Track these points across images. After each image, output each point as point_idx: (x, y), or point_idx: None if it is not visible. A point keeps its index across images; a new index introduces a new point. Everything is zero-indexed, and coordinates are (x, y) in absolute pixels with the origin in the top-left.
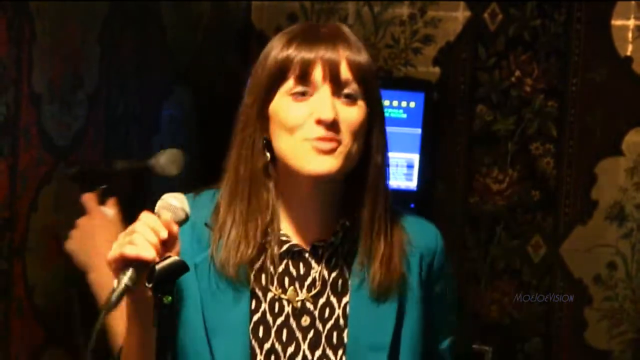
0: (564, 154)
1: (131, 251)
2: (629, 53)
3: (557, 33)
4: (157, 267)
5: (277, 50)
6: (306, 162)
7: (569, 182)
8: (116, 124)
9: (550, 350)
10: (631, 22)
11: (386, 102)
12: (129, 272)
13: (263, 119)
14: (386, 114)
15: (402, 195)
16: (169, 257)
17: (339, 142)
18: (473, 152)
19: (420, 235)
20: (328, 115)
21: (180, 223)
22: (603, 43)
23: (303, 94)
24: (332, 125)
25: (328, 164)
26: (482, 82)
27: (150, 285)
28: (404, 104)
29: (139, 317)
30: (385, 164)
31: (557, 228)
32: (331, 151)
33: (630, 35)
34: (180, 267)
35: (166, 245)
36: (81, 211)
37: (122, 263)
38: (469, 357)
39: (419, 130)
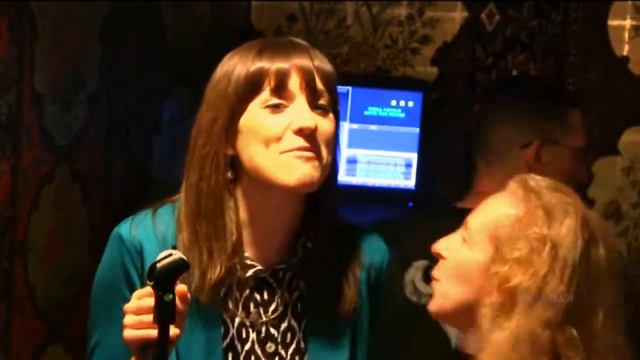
0: None
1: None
2: (625, 53)
3: (554, 33)
4: (159, 265)
5: (245, 63)
6: (287, 174)
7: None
8: (116, 123)
9: None
10: (627, 22)
11: (384, 102)
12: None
13: (230, 134)
14: (385, 114)
15: (400, 194)
16: (170, 254)
17: (319, 153)
18: (471, 151)
19: (369, 250)
20: (310, 124)
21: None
22: (600, 43)
23: (278, 105)
24: (312, 135)
25: (311, 172)
26: (479, 82)
27: (152, 283)
28: (402, 103)
29: None
30: (336, 180)
31: None
32: (312, 159)
33: (626, 35)
34: (182, 265)
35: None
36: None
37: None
38: None
39: (417, 130)
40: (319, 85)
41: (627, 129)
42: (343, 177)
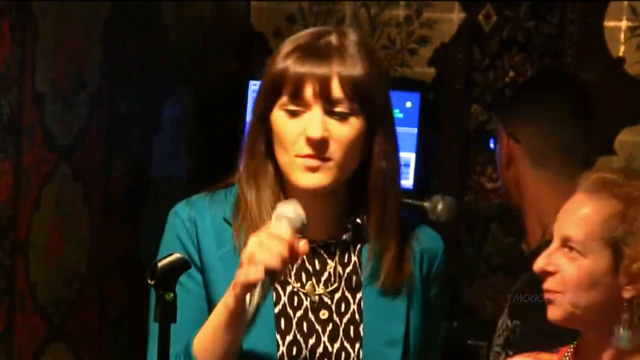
0: None
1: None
2: (621, 54)
3: (551, 34)
4: (159, 264)
5: (277, 59)
6: (297, 177)
7: None
8: (117, 123)
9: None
10: (623, 23)
11: None
12: (258, 289)
13: (265, 126)
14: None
15: None
16: (171, 254)
17: (329, 159)
18: (468, 151)
19: (424, 239)
20: (316, 134)
21: (299, 231)
22: (596, 44)
23: (296, 111)
24: (321, 144)
25: (315, 181)
26: (477, 82)
27: (153, 282)
28: (400, 103)
29: (233, 328)
30: (393, 168)
31: None
32: (317, 169)
33: (622, 36)
34: (182, 264)
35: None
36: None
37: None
38: (464, 352)
39: (414, 130)
40: (336, 92)
41: (623, 129)
42: None
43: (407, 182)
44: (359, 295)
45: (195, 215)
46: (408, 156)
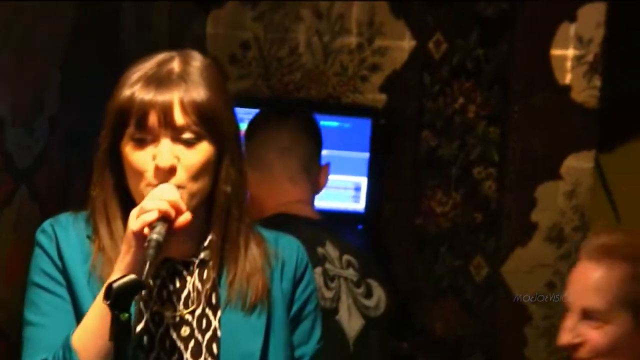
0: (506, 178)
1: (152, 205)
2: (567, 82)
3: (499, 62)
4: (114, 285)
5: (122, 89)
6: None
7: (510, 205)
8: (77, 144)
9: None
10: (570, 52)
11: (335, 128)
12: (157, 228)
13: (114, 156)
14: (335, 137)
15: (350, 216)
16: (126, 275)
17: (181, 187)
18: (418, 175)
19: (283, 249)
20: (164, 164)
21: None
22: (543, 72)
23: (143, 140)
24: (171, 172)
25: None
26: (427, 108)
27: (108, 303)
28: (352, 129)
29: None
30: (238, 192)
31: (499, 249)
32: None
33: (569, 64)
34: (137, 285)
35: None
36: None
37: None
38: None
39: (366, 155)
40: (181, 119)
41: (569, 154)
42: None
43: (359, 205)
44: (219, 313)
45: (60, 231)
46: (360, 180)
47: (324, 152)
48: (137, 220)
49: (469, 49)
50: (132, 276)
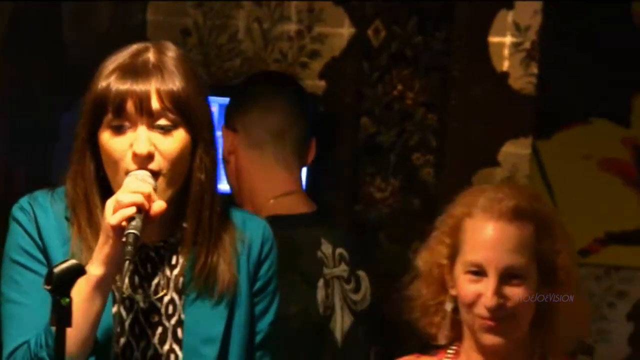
0: (444, 164)
1: (128, 199)
2: (505, 69)
3: (438, 49)
4: (55, 270)
5: (99, 80)
6: None
7: (448, 191)
8: (19, 135)
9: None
10: (507, 39)
11: None
12: (134, 223)
13: (92, 145)
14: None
15: None
16: (67, 260)
17: (158, 173)
18: (358, 162)
19: (249, 228)
20: (141, 150)
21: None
22: (481, 59)
23: (121, 127)
24: (149, 158)
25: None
26: (366, 95)
27: (49, 288)
28: None
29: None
30: (211, 180)
31: None
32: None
33: (506, 51)
34: (78, 270)
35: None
36: None
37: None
38: None
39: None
40: (157, 107)
41: (506, 141)
42: None
43: None
44: (185, 299)
45: (39, 211)
46: None
47: None
48: (115, 215)
49: (408, 36)
50: (74, 261)
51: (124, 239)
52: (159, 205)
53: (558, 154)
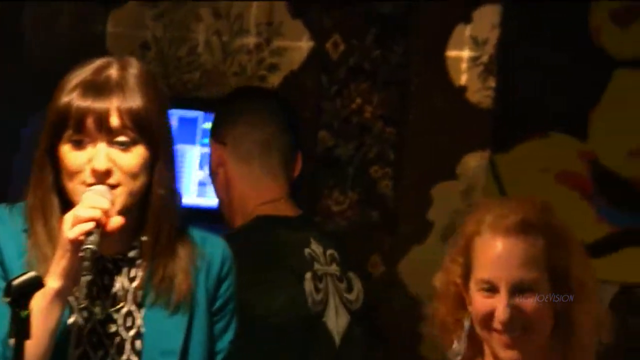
0: (402, 177)
1: (87, 214)
2: (463, 82)
3: (396, 63)
4: (14, 282)
5: (61, 95)
6: None
7: (406, 204)
8: None
9: None
10: (465, 53)
11: None
12: (91, 238)
13: (52, 158)
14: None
15: None
16: (26, 273)
17: (117, 186)
18: (316, 175)
19: (209, 245)
20: (100, 166)
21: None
22: (439, 73)
23: (80, 142)
24: (107, 174)
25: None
26: (324, 109)
27: (8, 300)
28: None
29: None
30: (170, 195)
31: (395, 247)
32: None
33: (464, 65)
34: (37, 283)
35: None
36: None
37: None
38: None
39: None
40: (117, 124)
41: (465, 154)
42: (194, 199)
43: None
44: (143, 311)
45: None
46: None
47: None
48: (74, 229)
49: (366, 50)
50: (32, 273)
51: (81, 254)
52: (116, 221)
53: (515, 167)
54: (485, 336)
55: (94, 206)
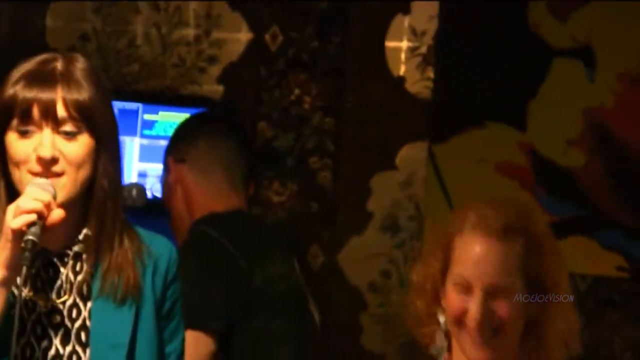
0: (341, 168)
1: (30, 206)
2: (401, 73)
3: (334, 54)
4: None
5: (7, 87)
6: None
7: (345, 194)
8: None
9: (327, 354)
10: (404, 44)
11: (173, 119)
12: (33, 229)
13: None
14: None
15: None
16: None
17: (61, 174)
18: (256, 166)
19: (156, 245)
20: (45, 154)
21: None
22: (377, 64)
23: (26, 131)
24: (53, 162)
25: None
26: (264, 100)
27: None
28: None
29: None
30: (114, 187)
31: (334, 238)
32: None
33: (403, 56)
34: None
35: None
36: None
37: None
38: None
39: None
40: (62, 114)
41: (404, 145)
42: None
43: None
44: (89, 304)
45: None
46: None
47: (162, 143)
48: (16, 219)
49: (305, 41)
50: None
51: (22, 245)
52: (57, 214)
53: (454, 157)
54: (455, 333)
55: (36, 198)
